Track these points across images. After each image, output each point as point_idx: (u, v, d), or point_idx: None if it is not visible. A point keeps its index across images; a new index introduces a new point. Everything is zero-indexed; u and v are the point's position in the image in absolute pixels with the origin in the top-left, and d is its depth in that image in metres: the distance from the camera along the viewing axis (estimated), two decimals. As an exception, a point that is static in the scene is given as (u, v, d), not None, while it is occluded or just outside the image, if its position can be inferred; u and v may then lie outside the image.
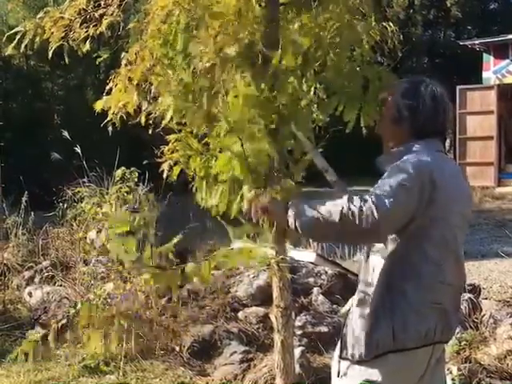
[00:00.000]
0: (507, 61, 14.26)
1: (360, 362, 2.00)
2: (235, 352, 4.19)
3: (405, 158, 1.99)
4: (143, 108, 2.80)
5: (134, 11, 2.91)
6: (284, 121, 2.61)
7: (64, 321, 4.95)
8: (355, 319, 2.04)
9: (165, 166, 2.84)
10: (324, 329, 4.46)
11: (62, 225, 7.13)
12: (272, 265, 2.89)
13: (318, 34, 2.43)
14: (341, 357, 2.07)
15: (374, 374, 1.99)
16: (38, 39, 2.82)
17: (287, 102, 2.41)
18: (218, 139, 2.72)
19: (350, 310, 2.17)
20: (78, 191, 7.05)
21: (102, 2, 2.74)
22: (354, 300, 2.14)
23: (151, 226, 5.68)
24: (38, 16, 2.82)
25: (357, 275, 2.26)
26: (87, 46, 2.82)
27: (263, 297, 4.83)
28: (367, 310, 1.99)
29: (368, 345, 1.97)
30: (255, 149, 2.87)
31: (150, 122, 2.83)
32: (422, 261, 1.98)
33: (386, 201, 1.85)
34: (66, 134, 7.04)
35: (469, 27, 24.41)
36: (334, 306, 4.87)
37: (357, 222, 1.83)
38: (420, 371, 2.03)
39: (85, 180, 7.16)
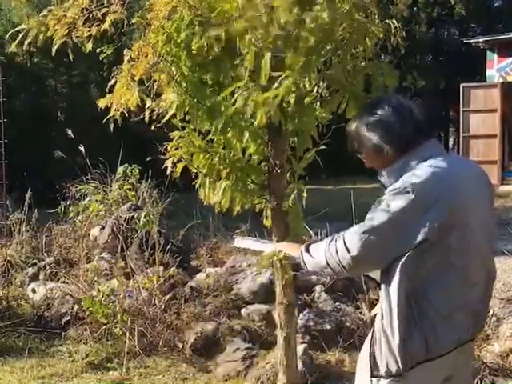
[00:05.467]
0: (511, 59, 14.21)
1: (395, 375, 1.98)
2: (238, 349, 4.20)
3: (398, 183, 1.94)
4: (147, 105, 2.80)
5: (137, 8, 2.90)
6: (288, 117, 2.61)
7: (68, 317, 4.97)
8: (383, 333, 1.99)
9: (168, 163, 2.84)
10: (327, 326, 4.47)
11: (66, 222, 7.15)
12: (275, 262, 2.89)
13: (326, 30, 2.41)
14: (373, 375, 2.03)
15: (406, 381, 1.98)
16: (41, 37, 2.82)
17: (292, 98, 2.40)
18: (219, 135, 2.73)
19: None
20: (82, 188, 7.07)
21: (106, 1, 2.73)
22: (377, 313, 2.08)
23: (154, 223, 5.70)
24: (42, 14, 2.83)
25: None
26: (90, 45, 2.83)
27: (266, 294, 4.83)
28: (395, 323, 1.94)
29: (402, 359, 1.94)
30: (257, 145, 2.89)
31: (154, 119, 2.83)
32: (446, 268, 1.94)
33: (358, 246, 1.92)
34: (70, 132, 7.07)
35: (473, 25, 24.33)
36: (337, 303, 4.88)
37: (337, 262, 1.99)
38: (449, 369, 2.03)
39: (88, 177, 7.18)
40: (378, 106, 2.09)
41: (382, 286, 2.01)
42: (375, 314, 2.13)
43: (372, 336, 2.07)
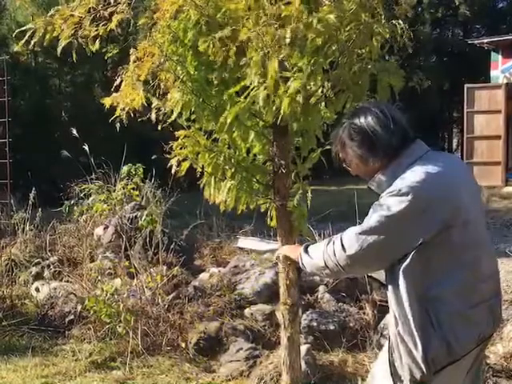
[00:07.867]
0: (516, 60, 14.19)
1: (421, 382, 1.97)
2: (241, 349, 4.20)
3: (393, 186, 1.95)
4: (153, 104, 2.81)
5: (142, 8, 2.90)
6: (294, 117, 2.61)
7: (71, 316, 4.98)
8: (401, 341, 1.97)
9: (173, 162, 2.84)
10: (330, 326, 4.47)
11: (69, 221, 7.16)
12: (278, 262, 2.90)
13: (332, 31, 2.41)
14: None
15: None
16: (47, 36, 2.83)
17: (298, 98, 2.40)
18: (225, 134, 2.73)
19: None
20: (85, 187, 7.08)
21: (112, 0, 2.74)
22: (390, 322, 2.06)
23: (158, 223, 5.71)
24: (49, 14, 2.84)
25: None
26: (97, 45, 2.83)
27: (269, 294, 4.83)
28: (414, 332, 1.93)
29: (426, 364, 1.94)
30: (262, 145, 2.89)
31: (160, 118, 2.83)
32: (455, 266, 1.94)
33: (356, 246, 1.96)
34: (74, 131, 7.07)
35: (477, 26, 24.32)
36: (340, 304, 4.87)
37: (335, 263, 2.04)
38: (469, 365, 2.04)
39: (92, 176, 7.18)
40: (360, 118, 2.08)
41: (389, 289, 2.00)
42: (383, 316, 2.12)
43: (389, 342, 2.05)
